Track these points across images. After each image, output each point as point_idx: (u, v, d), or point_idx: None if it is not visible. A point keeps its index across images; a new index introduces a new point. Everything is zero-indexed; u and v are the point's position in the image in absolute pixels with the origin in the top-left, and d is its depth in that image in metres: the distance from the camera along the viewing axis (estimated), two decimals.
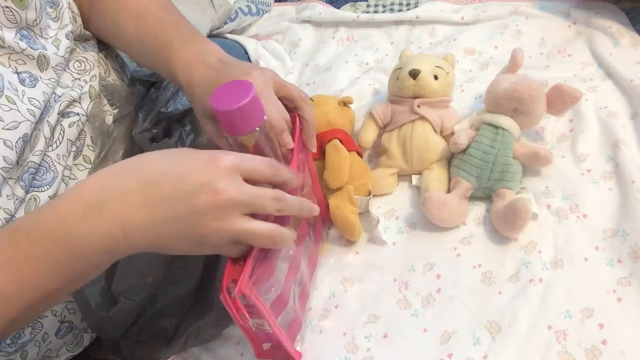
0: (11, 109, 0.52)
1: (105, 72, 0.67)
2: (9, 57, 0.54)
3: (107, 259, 0.43)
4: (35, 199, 0.55)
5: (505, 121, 0.65)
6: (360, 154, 0.72)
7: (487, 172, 0.64)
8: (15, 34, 0.55)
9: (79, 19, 0.65)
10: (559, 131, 0.70)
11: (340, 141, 0.68)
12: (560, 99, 0.66)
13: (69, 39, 0.61)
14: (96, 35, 0.68)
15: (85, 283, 0.45)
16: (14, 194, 0.53)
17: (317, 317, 0.62)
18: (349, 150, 0.68)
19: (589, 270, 0.57)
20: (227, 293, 0.45)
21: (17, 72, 0.54)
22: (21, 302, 0.41)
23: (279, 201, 0.45)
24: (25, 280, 0.41)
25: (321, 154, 0.68)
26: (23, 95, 0.54)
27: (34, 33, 0.57)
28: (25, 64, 0.55)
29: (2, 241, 0.43)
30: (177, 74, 0.58)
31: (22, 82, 0.54)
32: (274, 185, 0.47)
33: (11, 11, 0.54)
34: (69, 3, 0.64)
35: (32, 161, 0.54)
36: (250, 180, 0.44)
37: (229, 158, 0.43)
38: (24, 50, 0.55)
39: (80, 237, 0.41)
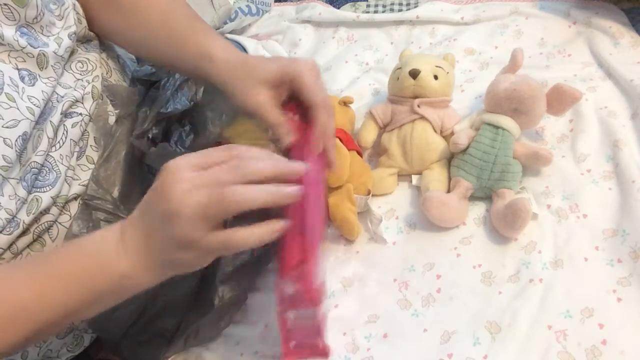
0: (11, 106, 0.52)
1: (107, 73, 0.67)
2: (9, 55, 0.54)
3: (125, 286, 0.46)
4: (37, 199, 0.55)
5: (506, 121, 0.65)
6: (360, 154, 0.72)
7: (487, 172, 0.64)
8: (15, 31, 0.54)
9: (84, 21, 0.65)
10: (559, 131, 0.70)
11: (340, 140, 0.68)
12: (560, 99, 0.66)
13: (71, 39, 0.61)
14: (102, 31, 0.68)
15: (98, 312, 0.48)
16: (16, 194, 0.52)
17: None
18: (348, 150, 0.68)
19: (589, 270, 0.57)
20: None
21: (17, 69, 0.54)
22: (39, 317, 0.44)
23: (233, 163, 0.43)
24: (45, 295, 0.44)
25: None
26: (23, 93, 0.54)
27: (35, 30, 0.57)
28: (25, 61, 0.55)
29: (30, 259, 0.48)
30: (214, 51, 0.58)
31: (22, 79, 0.54)
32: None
33: (9, 8, 0.53)
34: (74, 4, 0.64)
35: (35, 161, 0.54)
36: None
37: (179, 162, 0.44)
38: (24, 48, 0.55)
39: (106, 254, 0.45)
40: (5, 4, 0.53)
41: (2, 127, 0.51)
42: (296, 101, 0.56)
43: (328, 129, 0.55)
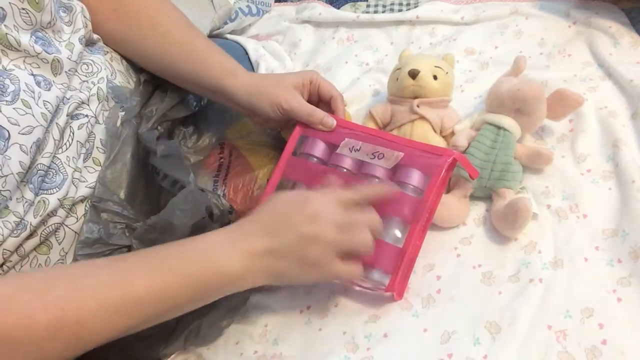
0: (26, 112, 0.52)
1: (111, 75, 0.67)
2: (24, 60, 0.54)
3: (233, 287, 0.53)
4: (44, 201, 0.54)
5: (507, 121, 0.65)
6: None
7: (487, 172, 0.64)
8: (31, 37, 0.55)
9: (89, 24, 0.66)
10: (559, 131, 0.70)
11: None
12: (562, 104, 0.66)
13: (81, 44, 0.62)
14: (111, 36, 0.69)
15: (199, 306, 0.53)
16: (23, 196, 0.52)
17: (316, 315, 0.62)
18: None
19: (589, 270, 0.57)
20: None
21: (32, 75, 0.54)
22: (151, 309, 0.48)
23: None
24: (159, 289, 0.48)
25: None
26: (39, 98, 0.54)
27: (48, 35, 0.57)
28: (40, 67, 0.56)
29: (140, 254, 0.53)
30: (236, 70, 0.66)
31: (38, 84, 0.54)
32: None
33: (27, 13, 0.54)
34: (82, 8, 0.64)
35: (41, 163, 0.54)
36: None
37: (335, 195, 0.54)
38: (39, 54, 0.55)
39: (222, 258, 0.50)
40: (23, 9, 0.53)
41: (19, 133, 0.51)
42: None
43: (345, 116, 0.69)
